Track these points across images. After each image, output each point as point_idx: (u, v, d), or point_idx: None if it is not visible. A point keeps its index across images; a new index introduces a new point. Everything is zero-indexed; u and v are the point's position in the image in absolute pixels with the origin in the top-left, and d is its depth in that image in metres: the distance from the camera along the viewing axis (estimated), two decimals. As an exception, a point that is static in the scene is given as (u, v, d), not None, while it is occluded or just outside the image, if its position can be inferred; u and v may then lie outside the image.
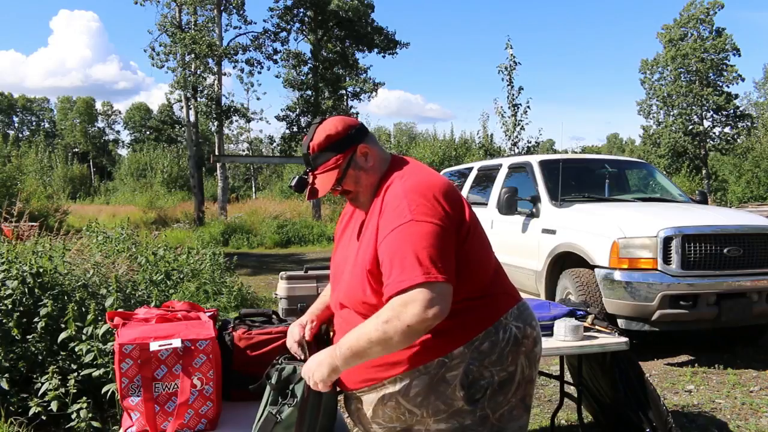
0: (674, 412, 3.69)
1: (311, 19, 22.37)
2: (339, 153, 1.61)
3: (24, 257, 3.99)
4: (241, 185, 43.31)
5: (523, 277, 5.80)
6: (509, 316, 1.57)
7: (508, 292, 1.64)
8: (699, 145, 30.40)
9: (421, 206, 1.46)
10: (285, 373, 1.63)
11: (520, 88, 13.61)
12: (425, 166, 1.68)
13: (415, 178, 1.55)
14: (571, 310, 3.00)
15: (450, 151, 27.50)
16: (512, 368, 1.55)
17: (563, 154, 9.59)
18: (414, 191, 1.49)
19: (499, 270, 1.65)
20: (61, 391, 3.04)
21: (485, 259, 1.59)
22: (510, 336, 1.55)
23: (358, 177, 1.62)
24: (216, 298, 6.28)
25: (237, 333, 2.02)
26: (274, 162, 31.45)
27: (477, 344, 1.51)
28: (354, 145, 1.62)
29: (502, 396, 1.54)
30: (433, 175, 1.60)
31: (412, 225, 1.43)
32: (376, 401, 1.55)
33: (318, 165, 1.64)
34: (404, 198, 1.48)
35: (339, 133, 1.62)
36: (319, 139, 1.63)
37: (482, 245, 1.59)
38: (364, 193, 1.64)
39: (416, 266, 1.38)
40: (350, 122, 1.66)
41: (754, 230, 4.82)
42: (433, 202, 1.47)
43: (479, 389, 1.51)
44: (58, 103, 67.45)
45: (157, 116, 40.41)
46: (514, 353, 1.55)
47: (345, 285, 1.61)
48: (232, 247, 15.29)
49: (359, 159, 1.62)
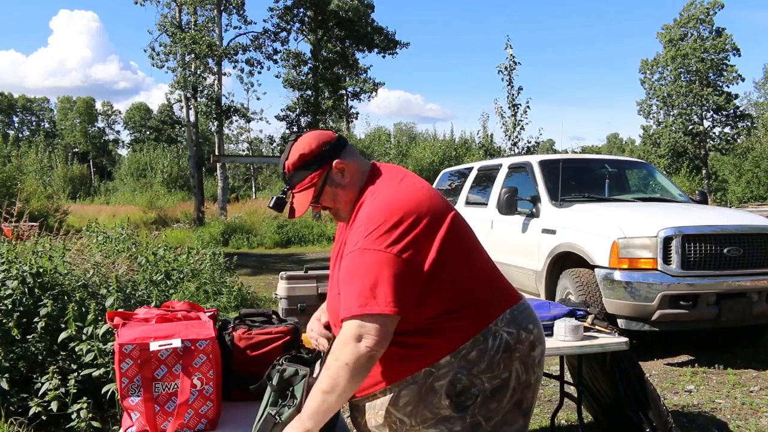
0: (674, 412, 3.69)
1: (311, 19, 22.38)
2: (314, 171, 1.60)
3: (24, 257, 3.99)
4: (241, 185, 43.31)
5: (523, 277, 5.80)
6: (500, 323, 1.54)
7: (500, 297, 1.59)
8: (699, 145, 30.41)
9: (375, 233, 1.44)
10: (286, 375, 1.62)
11: (519, 88, 13.61)
12: (405, 177, 1.63)
13: (383, 199, 1.52)
14: (571, 310, 3.00)
15: (450, 151, 27.48)
16: (505, 375, 1.53)
17: (563, 154, 9.59)
18: (376, 215, 1.47)
19: (489, 275, 1.61)
20: (61, 391, 3.04)
21: (467, 270, 1.54)
22: (501, 343, 1.52)
23: (335, 194, 1.62)
24: (216, 298, 6.28)
25: (237, 333, 2.02)
26: (274, 162, 31.28)
27: (464, 353, 1.49)
28: (329, 161, 1.60)
29: (496, 403, 1.52)
30: (404, 191, 1.54)
31: (360, 254, 1.44)
32: (369, 411, 1.57)
33: (294, 184, 1.63)
34: (364, 222, 1.48)
35: (313, 152, 1.61)
36: (294, 158, 1.62)
37: (464, 256, 1.54)
38: (344, 209, 1.64)
39: (354, 297, 1.41)
40: (324, 138, 1.64)
41: (754, 230, 4.83)
42: (393, 228, 1.44)
43: (469, 397, 1.50)
44: (58, 103, 67.52)
45: (157, 116, 40.48)
46: (506, 360, 1.52)
47: (330, 304, 1.65)
48: (232, 247, 15.30)
49: (335, 176, 1.61)
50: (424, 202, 1.52)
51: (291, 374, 1.63)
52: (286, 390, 1.62)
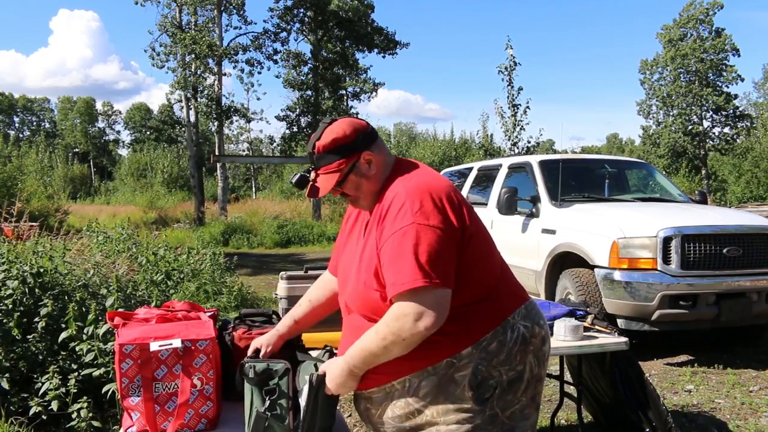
0: (674, 411, 3.70)
1: (311, 19, 22.37)
2: (343, 157, 1.60)
3: (24, 257, 4.00)
4: (241, 185, 43.34)
5: (523, 277, 5.81)
6: (517, 316, 1.58)
7: (515, 292, 1.64)
8: (698, 145, 30.42)
9: (423, 209, 1.46)
10: (259, 368, 1.66)
11: (519, 89, 13.61)
12: (428, 168, 1.67)
13: (418, 181, 1.55)
14: (570, 310, 3.00)
15: (450, 151, 27.53)
16: (521, 367, 1.55)
17: (563, 154, 9.59)
18: (417, 194, 1.49)
19: (505, 270, 1.66)
20: (61, 391, 3.05)
21: (489, 261, 1.59)
22: (518, 335, 1.55)
23: (359, 183, 1.62)
24: (216, 298, 6.28)
25: (237, 333, 2.02)
26: (274, 162, 31.46)
27: (485, 344, 1.51)
28: (359, 151, 1.60)
29: (512, 395, 1.55)
30: (436, 177, 1.59)
31: (414, 228, 1.44)
32: (385, 402, 1.56)
33: (321, 165, 1.62)
34: (407, 200, 1.48)
35: (347, 137, 1.60)
36: (326, 141, 1.61)
37: (486, 247, 1.59)
38: (365, 199, 1.64)
39: (415, 270, 1.40)
40: (359, 127, 1.64)
41: (753, 230, 4.83)
42: (436, 206, 1.47)
43: (488, 389, 1.51)
44: (59, 103, 67.52)
45: (157, 116, 40.50)
46: (522, 352, 1.56)
47: (351, 289, 1.62)
48: (232, 247, 15.30)
49: (362, 166, 1.61)
50: (457, 190, 1.58)
51: (263, 368, 1.66)
52: (267, 382, 1.64)
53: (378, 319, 1.48)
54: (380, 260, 1.49)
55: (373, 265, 1.51)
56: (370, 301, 1.53)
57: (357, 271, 1.58)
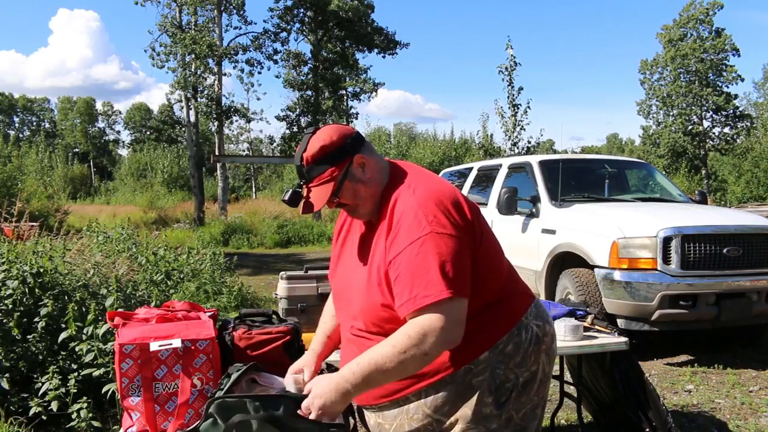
0: (674, 412, 3.69)
1: (311, 19, 22.38)
2: (334, 165, 1.52)
3: (24, 257, 4.00)
4: (241, 185, 43.34)
5: (523, 277, 5.77)
6: (529, 315, 1.56)
7: (524, 290, 1.63)
8: (698, 145, 30.40)
9: (438, 217, 1.41)
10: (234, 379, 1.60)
11: (520, 89, 13.62)
12: (427, 171, 1.62)
13: (426, 188, 1.49)
14: (570, 310, 3.00)
15: (450, 152, 27.52)
16: (534, 367, 1.54)
17: (563, 154, 9.59)
18: (428, 202, 1.44)
19: (512, 271, 1.64)
20: (61, 391, 3.05)
21: (499, 262, 1.57)
22: (532, 335, 1.54)
23: (356, 189, 1.53)
24: (216, 298, 6.28)
25: (237, 333, 2.02)
26: (274, 162, 31.45)
27: (501, 347, 1.49)
28: (350, 155, 1.53)
29: (525, 396, 1.53)
30: (440, 182, 1.54)
31: (433, 237, 1.39)
32: (400, 415, 1.52)
33: (312, 177, 1.54)
34: (419, 209, 1.43)
35: (334, 143, 1.52)
36: (313, 150, 1.52)
37: (495, 249, 1.57)
38: (365, 206, 1.56)
39: (440, 280, 1.35)
40: (345, 131, 1.56)
41: (753, 230, 4.83)
42: (450, 213, 1.43)
43: (504, 392, 1.50)
44: (59, 103, 67.49)
45: (157, 116, 40.51)
46: (536, 352, 1.54)
47: (358, 305, 1.54)
48: (232, 247, 15.30)
49: (356, 170, 1.53)
50: (462, 194, 1.56)
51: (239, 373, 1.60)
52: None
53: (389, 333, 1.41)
54: (395, 272, 1.41)
55: (385, 281, 1.45)
56: (384, 316, 1.47)
57: (367, 286, 1.50)
